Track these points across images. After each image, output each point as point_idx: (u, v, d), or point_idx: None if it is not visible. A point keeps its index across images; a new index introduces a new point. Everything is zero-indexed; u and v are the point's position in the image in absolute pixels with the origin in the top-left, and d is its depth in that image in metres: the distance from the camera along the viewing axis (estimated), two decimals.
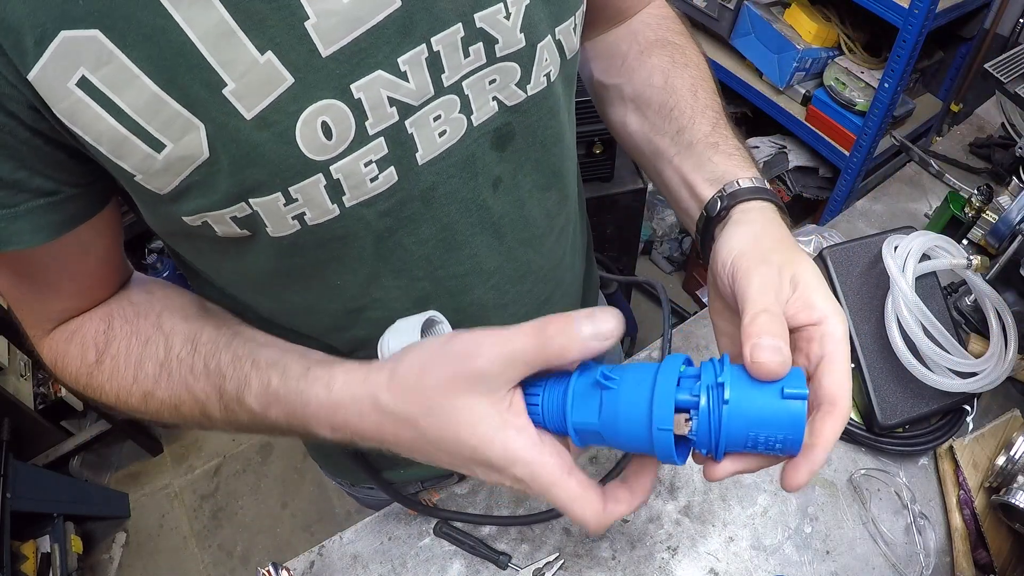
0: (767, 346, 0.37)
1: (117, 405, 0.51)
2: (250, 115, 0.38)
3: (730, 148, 0.55)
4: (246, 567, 1.90)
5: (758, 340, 0.37)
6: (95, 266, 0.50)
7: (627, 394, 0.38)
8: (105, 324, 0.51)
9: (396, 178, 0.45)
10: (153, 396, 0.50)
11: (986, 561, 0.72)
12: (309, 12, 0.37)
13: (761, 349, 0.37)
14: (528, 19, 0.44)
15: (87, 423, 2.06)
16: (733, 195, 0.50)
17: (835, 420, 0.38)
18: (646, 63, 0.62)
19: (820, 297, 0.41)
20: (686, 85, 0.59)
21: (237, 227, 0.44)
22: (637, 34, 0.65)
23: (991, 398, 0.86)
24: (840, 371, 0.39)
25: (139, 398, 0.50)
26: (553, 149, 0.54)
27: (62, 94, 0.35)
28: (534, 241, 0.58)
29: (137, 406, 0.51)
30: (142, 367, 0.49)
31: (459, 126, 0.46)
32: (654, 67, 0.61)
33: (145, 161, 0.39)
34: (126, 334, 0.51)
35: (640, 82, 0.62)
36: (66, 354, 0.52)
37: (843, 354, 0.40)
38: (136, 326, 0.51)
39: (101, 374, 0.50)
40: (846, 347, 0.40)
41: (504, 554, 0.75)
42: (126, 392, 0.50)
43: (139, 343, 0.50)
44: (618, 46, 0.65)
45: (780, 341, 0.37)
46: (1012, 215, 0.83)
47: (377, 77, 0.40)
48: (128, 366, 0.50)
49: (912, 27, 1.55)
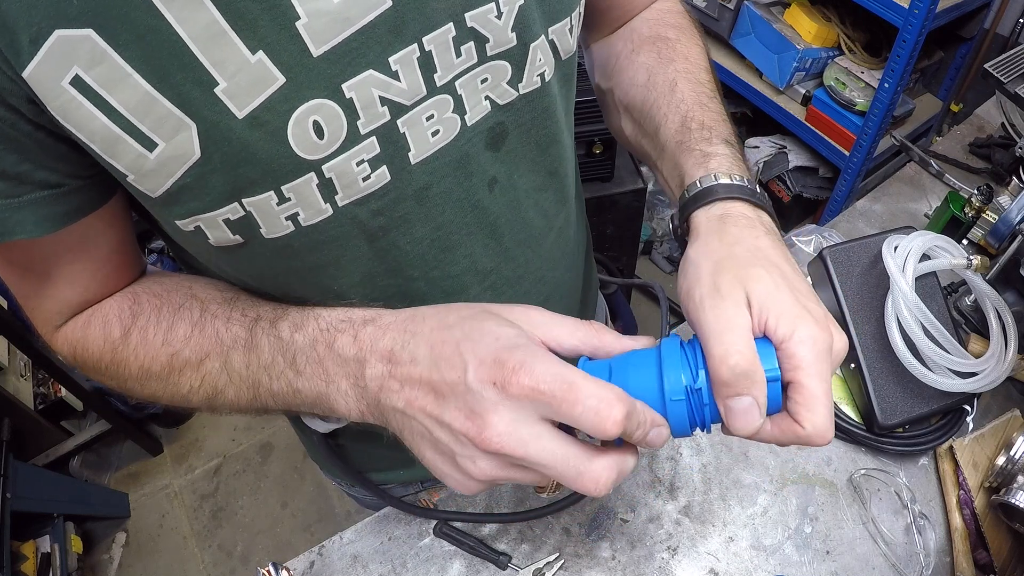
0: (738, 412, 0.39)
1: (139, 377, 0.50)
2: (242, 114, 0.38)
3: (693, 141, 0.53)
4: (246, 567, 1.90)
5: (730, 404, 0.39)
6: (108, 255, 0.50)
7: (636, 372, 0.40)
8: (130, 301, 0.51)
9: (389, 177, 0.45)
10: (179, 355, 0.49)
11: (986, 561, 0.72)
12: (300, 12, 0.37)
13: (734, 417, 0.39)
14: (521, 19, 0.44)
15: (87, 423, 2.06)
16: (685, 206, 0.50)
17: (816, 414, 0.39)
18: (634, 62, 0.61)
19: (774, 316, 0.40)
20: (667, 80, 0.57)
21: (230, 232, 0.44)
22: (633, 32, 0.63)
23: (991, 398, 0.86)
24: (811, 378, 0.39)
25: (164, 361, 0.49)
26: (550, 150, 0.53)
27: (56, 92, 0.35)
28: (532, 242, 0.58)
29: (159, 372, 0.49)
30: (174, 329, 0.49)
31: (452, 126, 0.46)
32: (639, 66, 0.60)
33: (137, 161, 0.39)
34: (155, 306, 0.50)
35: (626, 83, 0.61)
36: (85, 338, 0.51)
37: (814, 365, 0.39)
38: (166, 298, 0.51)
39: (127, 347, 0.50)
40: (816, 354, 0.39)
41: (504, 554, 0.75)
42: (151, 358, 0.49)
43: (171, 310, 0.50)
44: (614, 47, 0.64)
45: (747, 400, 0.38)
46: (1012, 215, 0.83)
47: (368, 77, 0.40)
48: (159, 331, 0.49)
49: (912, 27, 1.55)
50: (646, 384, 0.40)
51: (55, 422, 1.98)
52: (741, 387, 0.38)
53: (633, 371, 0.40)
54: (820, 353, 0.39)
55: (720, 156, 0.51)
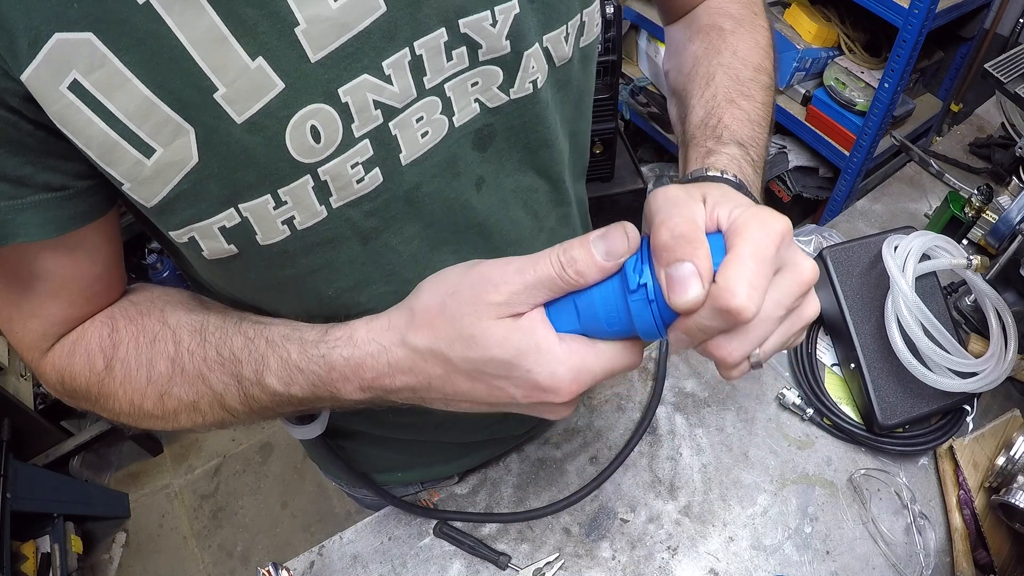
0: (676, 279, 0.35)
1: (132, 413, 0.50)
2: (240, 119, 0.38)
3: (704, 137, 0.53)
4: (246, 567, 1.90)
5: (670, 272, 0.36)
6: (102, 271, 0.50)
7: (598, 288, 0.40)
8: (109, 327, 0.50)
9: (381, 179, 0.45)
10: (170, 395, 0.49)
11: (986, 561, 0.72)
12: (299, 18, 0.37)
13: (673, 286, 0.36)
14: (516, 27, 0.44)
15: (87, 423, 2.06)
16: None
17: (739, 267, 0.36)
18: (686, 50, 0.62)
19: (726, 209, 0.38)
20: (707, 72, 0.58)
21: (225, 242, 0.44)
22: (693, 20, 0.65)
23: (991, 398, 0.86)
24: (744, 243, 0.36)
25: (154, 400, 0.49)
26: (540, 152, 0.53)
27: (54, 97, 0.35)
28: (523, 242, 0.58)
29: (152, 410, 0.50)
30: (154, 366, 0.49)
31: (441, 127, 0.46)
32: (689, 54, 0.61)
33: (134, 168, 0.38)
34: (132, 334, 0.50)
35: (676, 69, 0.62)
36: (71, 367, 0.50)
37: (751, 233, 0.36)
38: (141, 324, 0.50)
39: (113, 380, 0.49)
40: (759, 224, 0.36)
41: (504, 554, 0.75)
42: (140, 395, 0.49)
43: (147, 341, 0.49)
44: (676, 32, 0.66)
45: (687, 266, 0.35)
46: (1012, 215, 0.83)
47: (363, 81, 0.41)
48: (140, 366, 0.49)
49: (912, 27, 1.55)
50: (611, 301, 0.39)
51: (55, 422, 1.98)
52: (680, 251, 0.35)
53: (599, 295, 0.39)
54: (764, 227, 0.36)
55: (723, 155, 0.51)
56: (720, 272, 0.35)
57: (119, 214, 0.49)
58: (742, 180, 0.50)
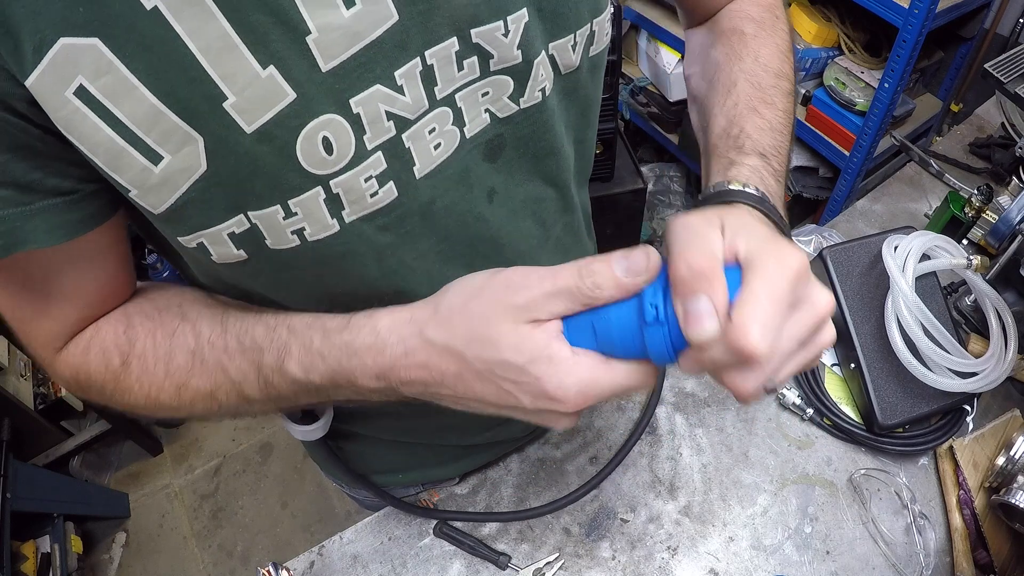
0: (693, 314, 0.36)
1: (148, 405, 0.50)
2: (250, 129, 0.38)
3: (726, 148, 0.53)
4: (246, 567, 1.90)
5: (687, 306, 0.36)
6: (113, 271, 0.49)
7: (615, 309, 0.40)
8: (124, 324, 0.50)
9: (396, 193, 0.45)
10: (187, 387, 0.49)
11: (986, 561, 0.72)
12: (311, 27, 0.36)
13: (690, 320, 0.36)
14: (526, 36, 0.44)
15: (87, 423, 2.06)
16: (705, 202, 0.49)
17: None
18: (708, 55, 0.62)
19: (744, 240, 0.38)
20: (728, 80, 0.58)
21: (234, 247, 0.43)
22: (715, 24, 0.64)
23: (991, 398, 0.86)
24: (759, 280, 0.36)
25: (172, 392, 0.49)
26: (547, 160, 0.53)
27: (59, 103, 0.35)
28: (531, 252, 0.57)
29: (169, 402, 0.49)
30: (172, 359, 0.49)
31: (452, 138, 0.46)
32: (711, 60, 0.61)
33: (141, 175, 0.38)
34: (149, 330, 0.50)
35: (698, 75, 0.62)
36: (86, 365, 0.50)
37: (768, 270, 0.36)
38: (159, 320, 0.50)
39: (128, 376, 0.49)
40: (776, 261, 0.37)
41: (504, 554, 0.75)
42: (157, 388, 0.49)
43: (165, 336, 0.49)
44: (697, 38, 0.66)
45: (704, 301, 0.35)
46: (1012, 215, 0.83)
47: (375, 91, 0.40)
48: (157, 361, 0.49)
49: (912, 27, 1.55)
50: (627, 323, 0.39)
51: (55, 422, 1.97)
52: (697, 285, 0.36)
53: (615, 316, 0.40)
54: (781, 264, 0.37)
55: (745, 167, 0.51)
56: (735, 310, 0.35)
57: (126, 215, 0.49)
58: (764, 192, 0.49)
